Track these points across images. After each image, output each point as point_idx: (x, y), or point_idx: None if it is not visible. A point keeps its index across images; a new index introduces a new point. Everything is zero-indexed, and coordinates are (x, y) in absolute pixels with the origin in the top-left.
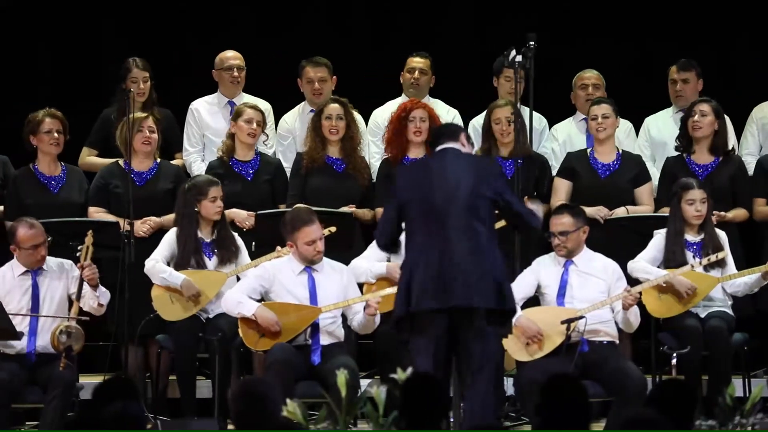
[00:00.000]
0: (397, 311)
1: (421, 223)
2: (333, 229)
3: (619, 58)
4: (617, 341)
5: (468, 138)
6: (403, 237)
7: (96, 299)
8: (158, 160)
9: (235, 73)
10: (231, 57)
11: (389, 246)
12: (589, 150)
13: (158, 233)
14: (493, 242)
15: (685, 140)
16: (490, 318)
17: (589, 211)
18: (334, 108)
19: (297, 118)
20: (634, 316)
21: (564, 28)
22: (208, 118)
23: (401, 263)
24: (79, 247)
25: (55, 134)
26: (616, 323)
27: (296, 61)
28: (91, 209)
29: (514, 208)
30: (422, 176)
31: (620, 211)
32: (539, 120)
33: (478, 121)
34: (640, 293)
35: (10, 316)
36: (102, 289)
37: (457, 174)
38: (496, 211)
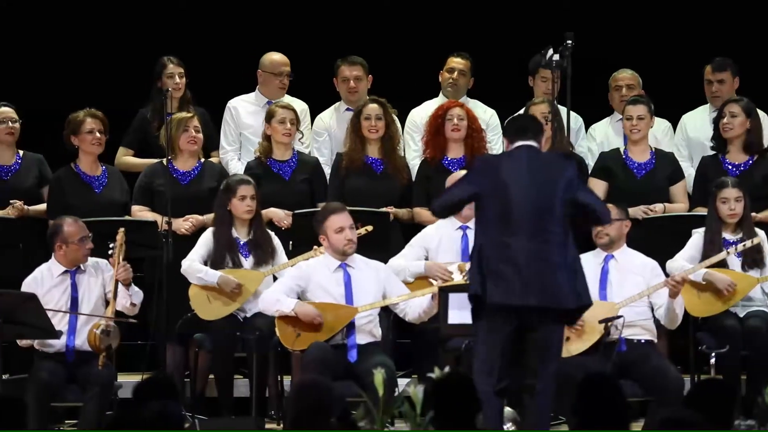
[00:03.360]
0: (472, 289)
1: (497, 221)
2: (369, 228)
3: (656, 55)
4: (655, 339)
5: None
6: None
7: (128, 298)
8: (202, 159)
9: (285, 81)
10: (282, 63)
11: (441, 213)
12: (622, 149)
13: (200, 231)
14: (568, 242)
15: (719, 141)
16: (563, 318)
17: (630, 211)
18: (373, 108)
19: (333, 117)
20: (680, 308)
21: (601, 26)
22: (246, 118)
23: (471, 251)
24: (111, 245)
25: (97, 134)
26: (656, 320)
27: (334, 59)
28: (135, 208)
29: (587, 202)
30: (500, 174)
31: (659, 207)
32: (575, 119)
33: None
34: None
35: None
36: (135, 288)
37: (535, 175)
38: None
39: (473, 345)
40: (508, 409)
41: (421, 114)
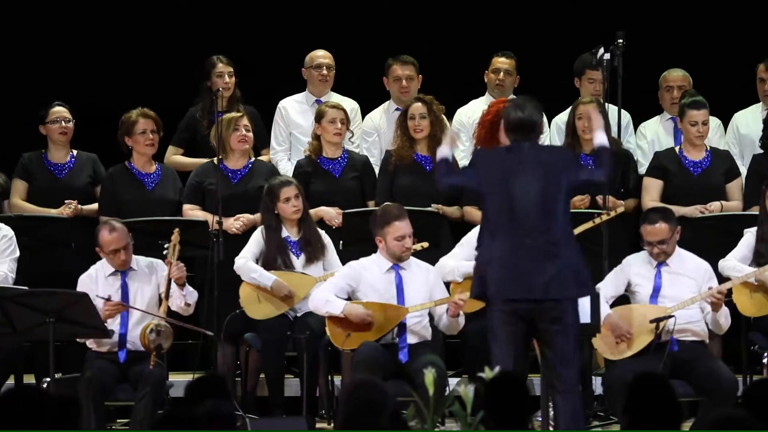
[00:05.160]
0: (471, 293)
1: (497, 216)
2: (426, 244)
3: (707, 53)
4: (707, 341)
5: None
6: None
7: (183, 299)
8: (252, 158)
9: (324, 71)
10: (321, 56)
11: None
12: (677, 148)
13: (251, 230)
14: (569, 234)
15: None
16: (570, 309)
17: (685, 211)
18: (417, 107)
19: (382, 116)
20: (724, 318)
21: (650, 24)
22: (296, 117)
23: (476, 245)
24: (165, 245)
25: (150, 134)
26: (707, 323)
27: (381, 59)
28: (186, 207)
29: (585, 180)
30: (500, 169)
31: (716, 206)
32: (623, 115)
33: (561, 119)
34: (729, 291)
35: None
36: (189, 288)
37: (533, 169)
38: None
39: (489, 342)
40: None
41: (468, 113)
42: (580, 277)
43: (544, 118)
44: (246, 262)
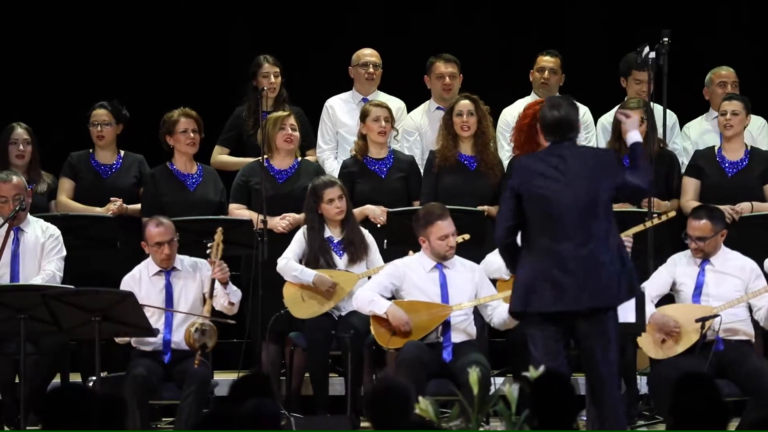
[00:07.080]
0: (511, 307)
1: (536, 223)
2: (467, 236)
3: (751, 53)
4: (753, 340)
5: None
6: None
7: (226, 297)
8: (299, 158)
9: (371, 69)
10: (368, 54)
11: (505, 241)
12: (717, 147)
13: (296, 229)
14: (610, 239)
15: None
16: (611, 314)
17: None
18: (465, 104)
19: (423, 115)
20: None
21: (696, 23)
22: (342, 116)
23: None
24: (209, 245)
25: (191, 134)
26: (755, 322)
27: (423, 58)
28: (232, 206)
29: (628, 185)
30: (539, 174)
31: (745, 207)
32: (669, 116)
33: (607, 119)
34: None
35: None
36: (233, 287)
37: (574, 173)
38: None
39: (528, 340)
40: None
41: (513, 113)
42: (620, 284)
43: (589, 116)
44: (288, 262)
